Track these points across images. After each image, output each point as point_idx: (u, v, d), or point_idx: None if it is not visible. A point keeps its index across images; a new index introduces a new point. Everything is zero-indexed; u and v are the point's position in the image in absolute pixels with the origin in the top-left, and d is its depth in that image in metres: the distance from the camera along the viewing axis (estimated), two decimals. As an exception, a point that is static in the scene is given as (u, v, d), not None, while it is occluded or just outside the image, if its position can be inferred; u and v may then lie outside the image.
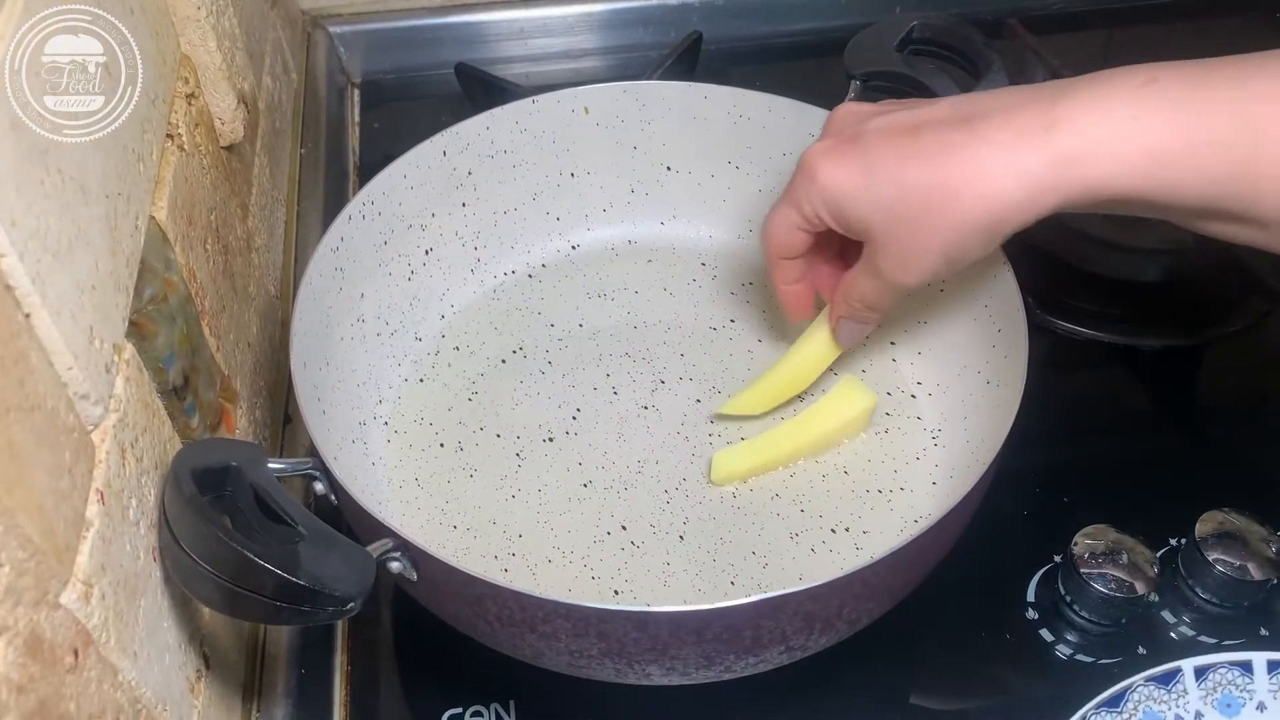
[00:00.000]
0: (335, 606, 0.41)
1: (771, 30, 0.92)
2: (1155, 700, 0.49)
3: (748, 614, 0.43)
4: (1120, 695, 0.49)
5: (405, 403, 0.61)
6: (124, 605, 0.39)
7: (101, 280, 0.39)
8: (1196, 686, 0.50)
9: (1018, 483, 0.61)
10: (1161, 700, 0.49)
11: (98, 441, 0.38)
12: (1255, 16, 0.96)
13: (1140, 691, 0.49)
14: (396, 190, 0.61)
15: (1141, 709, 0.49)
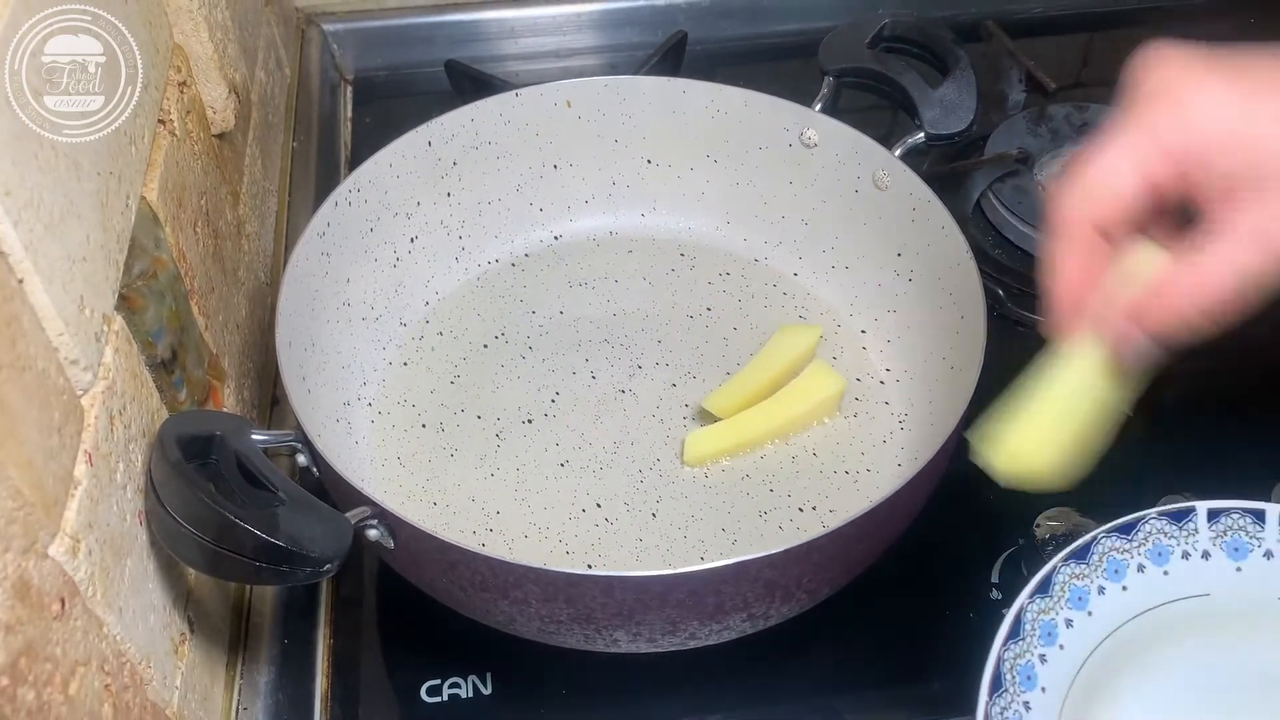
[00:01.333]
0: (312, 567, 0.42)
1: (755, 31, 0.94)
2: (1166, 535, 0.50)
3: (709, 579, 0.45)
4: (1132, 524, 0.50)
5: (389, 385, 0.63)
6: (110, 563, 0.40)
7: (92, 253, 0.41)
8: (1208, 527, 0.50)
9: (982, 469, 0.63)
10: (1172, 535, 0.50)
11: (87, 406, 0.40)
12: (1234, 21, 0.98)
13: (1153, 524, 0.50)
14: (382, 178, 0.63)
15: (1152, 540, 0.50)
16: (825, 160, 0.65)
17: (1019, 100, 0.81)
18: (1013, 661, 0.47)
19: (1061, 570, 0.49)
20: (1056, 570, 0.48)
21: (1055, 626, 0.48)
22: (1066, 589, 0.49)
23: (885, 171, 0.62)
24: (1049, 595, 0.48)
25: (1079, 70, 0.95)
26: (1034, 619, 0.48)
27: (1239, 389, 0.70)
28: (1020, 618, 0.47)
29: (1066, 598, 0.48)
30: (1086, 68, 0.97)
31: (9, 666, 0.32)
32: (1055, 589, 0.48)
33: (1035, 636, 0.48)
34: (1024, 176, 0.75)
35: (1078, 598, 0.49)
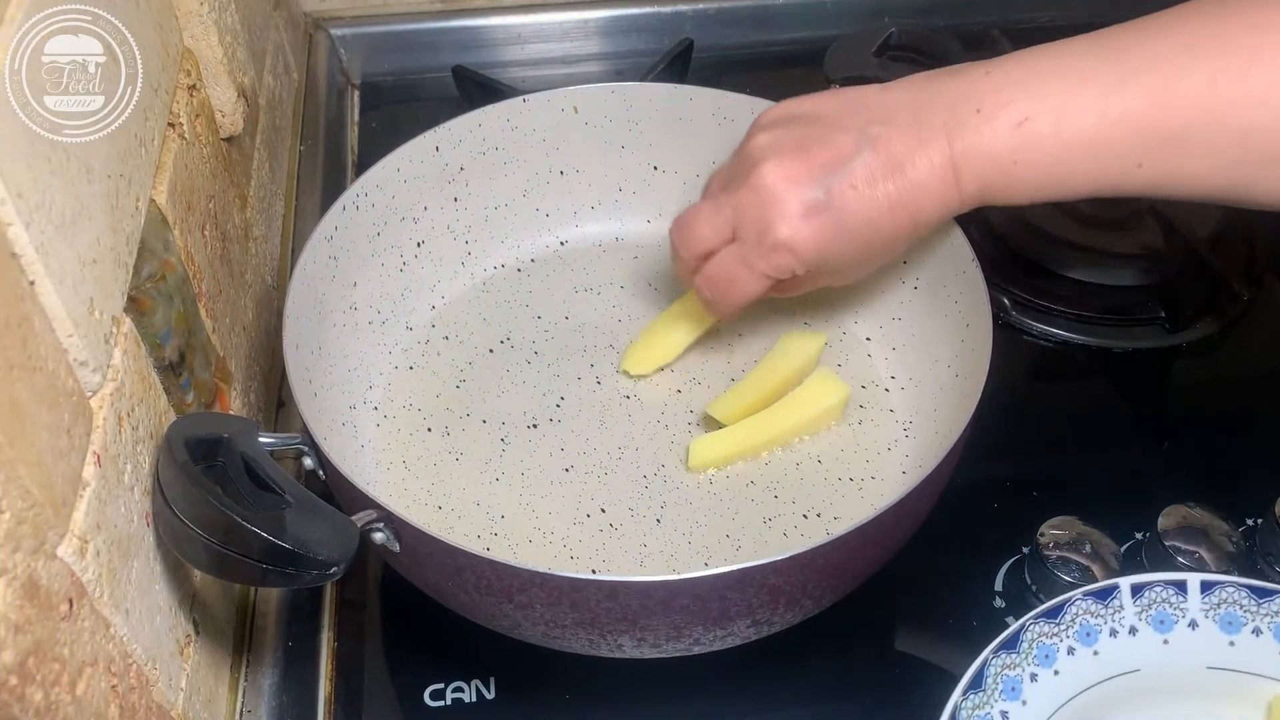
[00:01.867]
0: (319, 570, 0.43)
1: (761, 39, 0.94)
2: (1092, 614, 0.51)
3: (714, 584, 0.45)
4: (1059, 608, 0.51)
5: (395, 389, 0.63)
6: (117, 564, 0.41)
7: (102, 255, 0.42)
8: (1133, 602, 0.51)
9: (988, 476, 0.63)
10: (1098, 614, 0.51)
11: (95, 407, 0.40)
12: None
13: (1079, 605, 0.51)
14: (390, 183, 0.63)
15: (1079, 621, 0.51)
16: (831, 168, 0.65)
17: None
18: None
19: (993, 662, 0.49)
20: (988, 663, 0.49)
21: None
22: (1000, 680, 0.49)
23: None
24: (982, 690, 0.48)
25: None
26: (970, 714, 0.48)
27: (1244, 400, 0.70)
28: (955, 715, 0.47)
29: (1001, 689, 0.49)
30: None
31: (18, 666, 0.32)
32: (988, 681, 0.48)
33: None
34: (1029, 185, 0.75)
35: (1011, 688, 0.49)
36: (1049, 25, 0.97)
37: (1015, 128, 0.49)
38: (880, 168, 0.51)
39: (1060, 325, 0.72)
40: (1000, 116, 0.50)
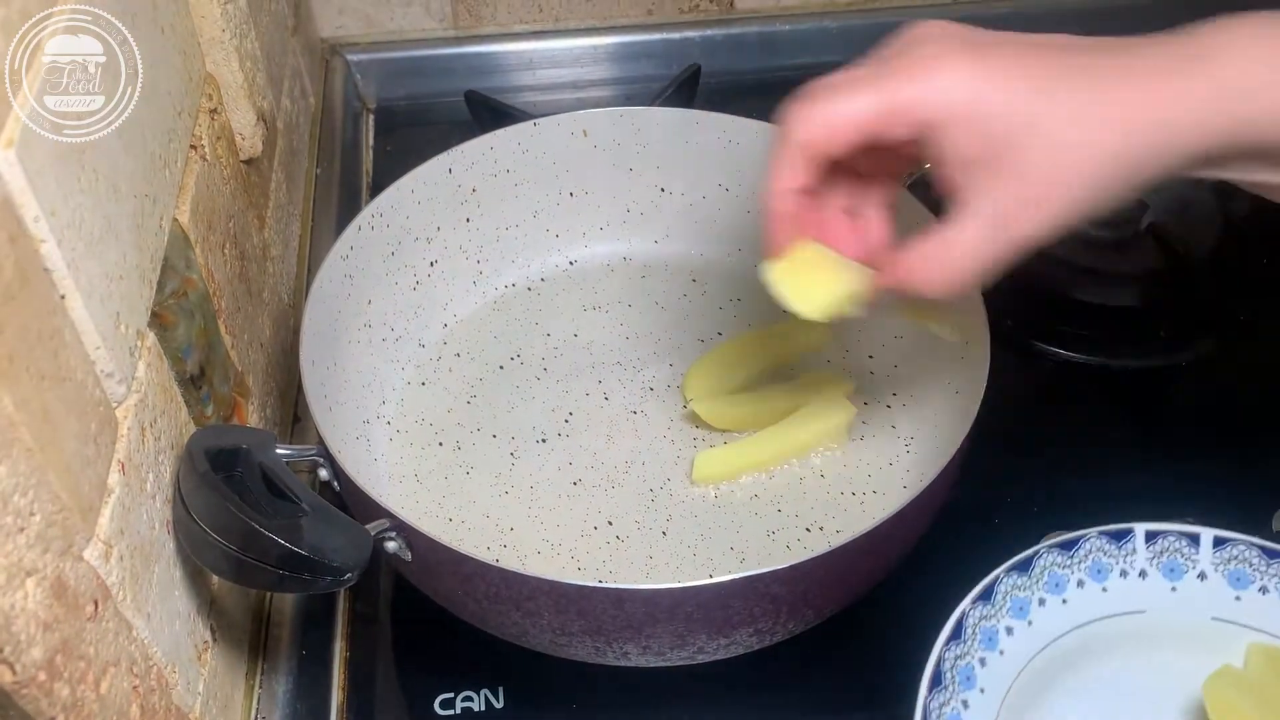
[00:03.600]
0: (333, 576, 0.44)
1: (768, 64, 0.96)
2: (1105, 552, 0.52)
3: (718, 593, 0.46)
4: (1074, 542, 0.52)
5: (407, 404, 0.65)
6: (139, 569, 0.42)
7: (128, 271, 0.43)
8: (1146, 547, 0.53)
9: (990, 493, 0.64)
10: (1111, 554, 0.52)
11: (120, 417, 0.42)
12: None
13: (1093, 542, 0.52)
14: (404, 204, 0.65)
15: (1092, 558, 0.52)
16: (834, 190, 0.66)
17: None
18: (953, 662, 0.49)
19: (1004, 580, 0.51)
20: (999, 580, 0.51)
21: (996, 633, 0.50)
22: (1008, 599, 0.51)
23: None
24: (991, 603, 0.50)
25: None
26: (975, 624, 0.50)
27: (1243, 418, 0.71)
28: (962, 622, 0.49)
29: (1008, 607, 0.51)
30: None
31: (46, 662, 0.34)
32: (998, 598, 0.51)
33: (976, 641, 0.50)
34: (1030, 207, 0.77)
35: (1019, 607, 0.51)
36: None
37: None
38: (1053, 43, 0.41)
39: (1060, 344, 0.73)
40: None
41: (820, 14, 0.96)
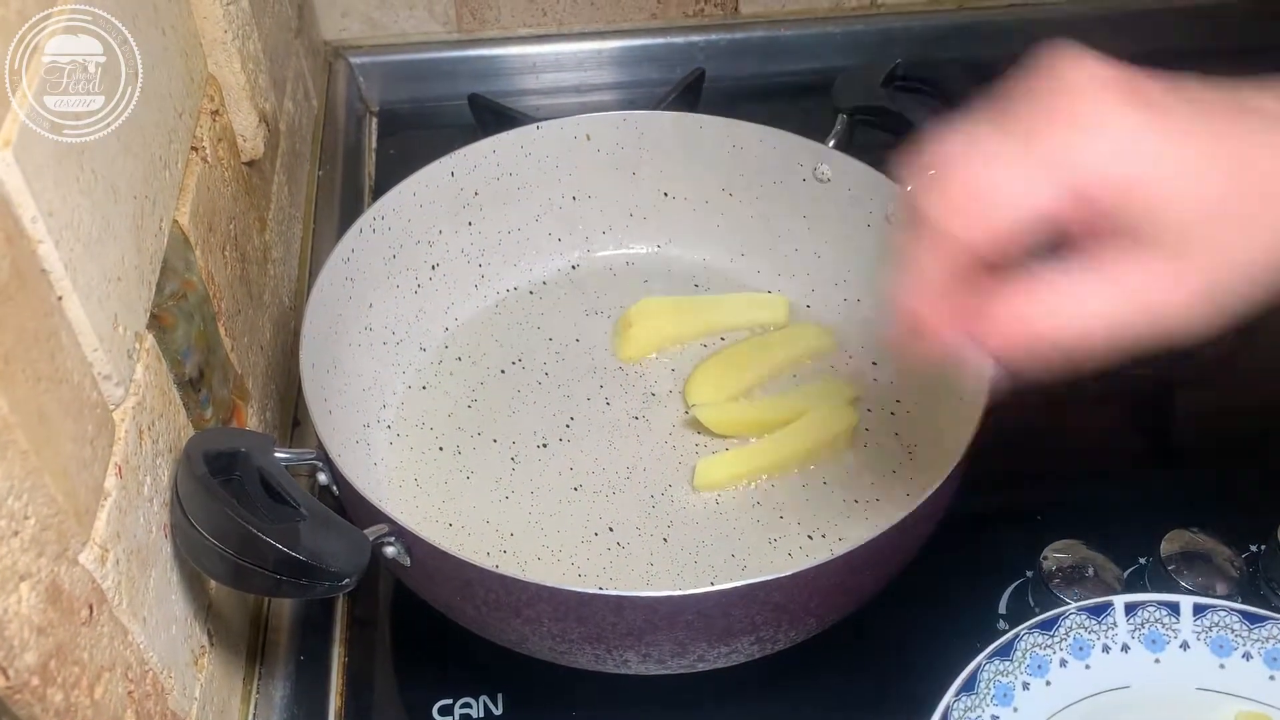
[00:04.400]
0: (331, 581, 0.43)
1: (772, 69, 0.95)
2: (1086, 629, 0.52)
3: (719, 601, 0.45)
4: (1054, 620, 0.51)
5: (408, 408, 0.64)
6: (136, 573, 0.42)
7: (127, 273, 0.43)
8: (1126, 620, 0.52)
9: (993, 500, 0.64)
10: (1092, 629, 0.52)
11: (118, 420, 0.42)
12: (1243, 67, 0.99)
13: (1073, 619, 0.52)
14: (406, 207, 0.64)
15: (1073, 635, 0.52)
16: (838, 195, 0.66)
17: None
18: None
19: (986, 668, 0.50)
20: (981, 668, 0.50)
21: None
22: (992, 686, 0.50)
23: (897, 208, 0.63)
24: (975, 693, 0.49)
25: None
26: (961, 715, 0.49)
27: (1249, 425, 0.71)
28: (947, 717, 0.48)
29: (992, 694, 0.50)
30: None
31: (40, 667, 0.33)
32: (980, 686, 0.50)
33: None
34: (1035, 214, 0.76)
35: (1003, 694, 0.50)
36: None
37: None
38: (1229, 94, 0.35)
39: (1065, 352, 0.72)
40: None
41: (825, 18, 0.96)
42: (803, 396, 0.63)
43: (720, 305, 0.69)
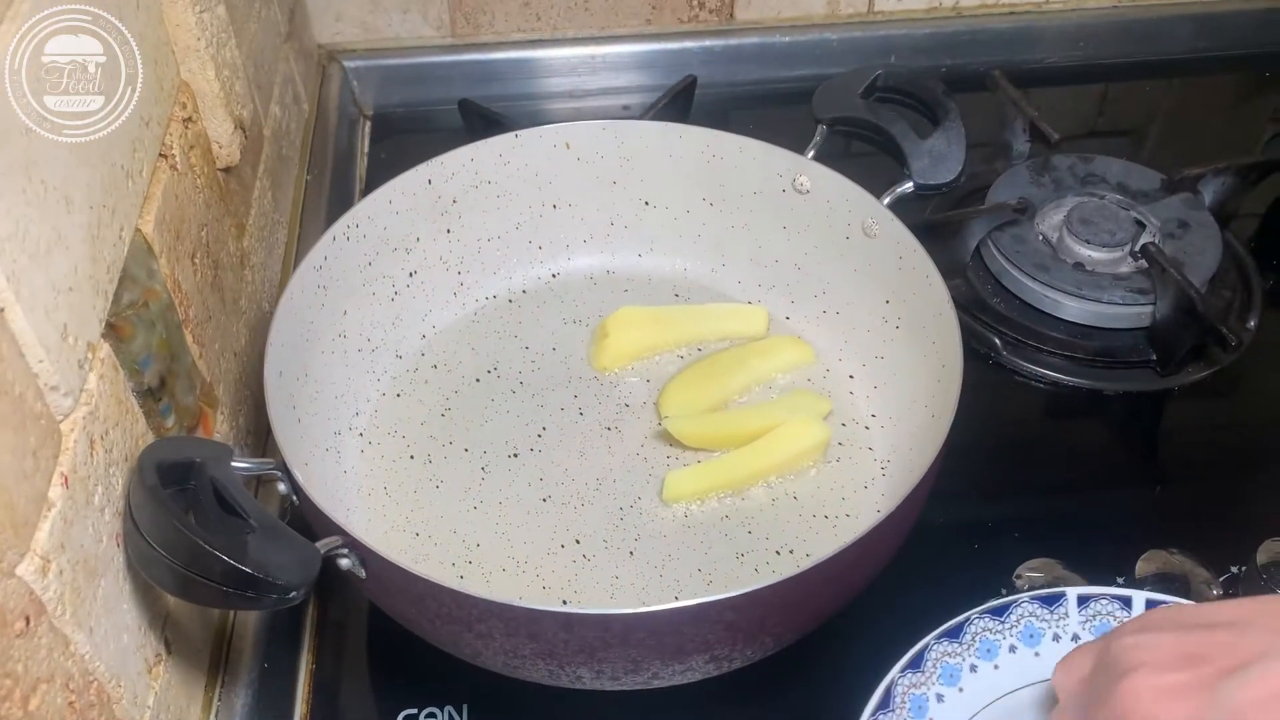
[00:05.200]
0: (278, 594, 0.43)
1: (767, 75, 0.95)
2: (1038, 618, 0.52)
3: (670, 619, 0.45)
4: (1005, 607, 0.52)
5: (380, 415, 0.64)
6: (82, 583, 0.42)
7: (79, 283, 0.43)
8: (1078, 612, 0.52)
9: (970, 516, 0.63)
10: (1044, 619, 0.52)
11: (66, 430, 0.42)
12: (1244, 75, 0.98)
13: (1025, 607, 0.52)
14: (381, 214, 0.64)
15: (1024, 622, 0.52)
16: (817, 207, 0.66)
17: (1023, 150, 0.82)
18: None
19: (934, 648, 0.50)
20: (929, 648, 0.50)
21: (926, 701, 0.50)
22: (939, 665, 0.50)
23: (874, 220, 0.63)
24: (921, 670, 0.50)
25: (1095, 123, 0.96)
26: (904, 692, 0.49)
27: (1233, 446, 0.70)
28: (891, 690, 0.49)
29: (939, 674, 0.50)
30: (1101, 120, 0.98)
31: (-35, 681, 0.33)
32: (927, 665, 0.50)
33: (906, 710, 0.49)
34: (1024, 226, 0.76)
35: (950, 674, 0.51)
36: (1052, 65, 0.97)
37: None
38: None
39: (1051, 366, 0.72)
40: None
41: (821, 25, 0.96)
42: (776, 410, 0.63)
43: (698, 316, 0.68)
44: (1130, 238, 0.75)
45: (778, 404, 0.64)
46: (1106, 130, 0.96)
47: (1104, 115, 0.98)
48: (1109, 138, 0.95)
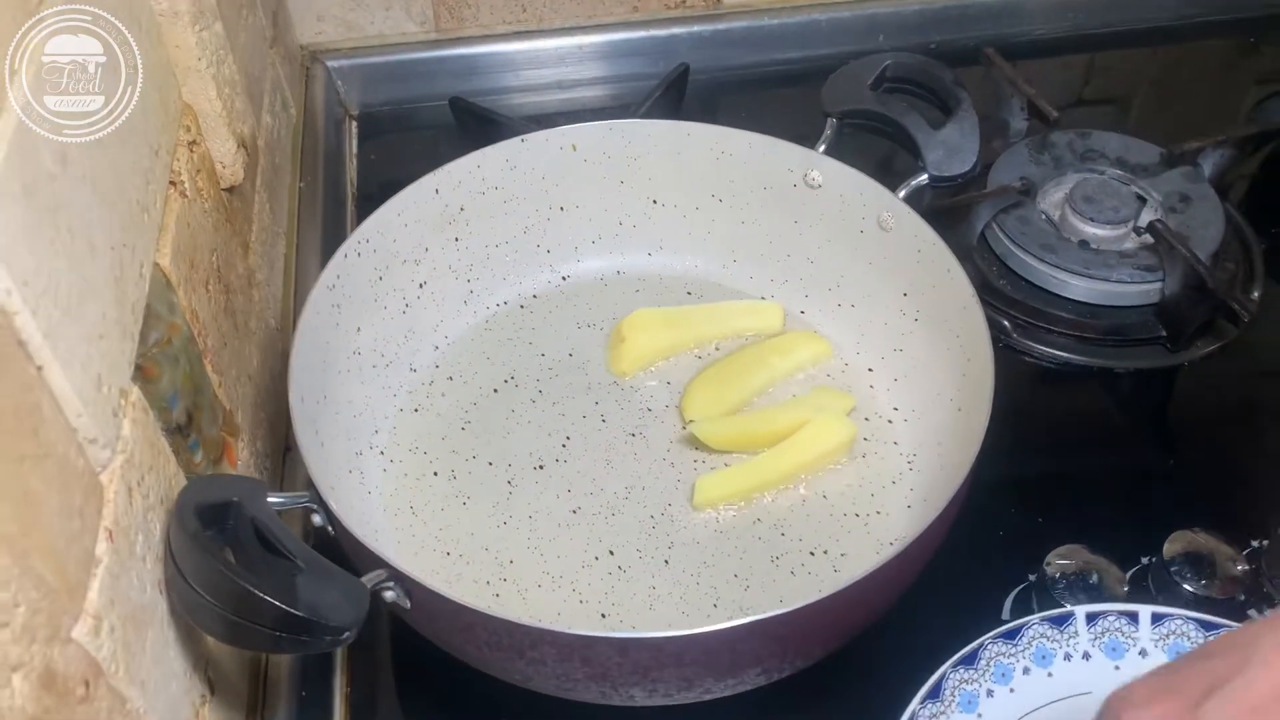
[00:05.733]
0: (332, 636, 0.43)
1: (757, 59, 0.94)
2: (1048, 638, 0.53)
3: (724, 638, 0.45)
4: (1016, 630, 0.53)
5: (400, 432, 0.63)
6: (131, 637, 0.41)
7: (109, 329, 0.42)
8: (1087, 629, 0.54)
9: (994, 502, 0.63)
10: (1054, 638, 0.53)
11: (106, 482, 0.41)
12: (1230, 39, 0.98)
13: (1035, 629, 0.53)
14: (391, 228, 0.63)
15: (1035, 644, 0.53)
16: (829, 201, 0.65)
17: (1021, 128, 0.82)
18: None
19: (950, 676, 0.51)
20: (946, 676, 0.51)
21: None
22: (956, 694, 0.51)
23: (890, 213, 0.62)
24: (940, 700, 0.51)
25: (1080, 93, 0.96)
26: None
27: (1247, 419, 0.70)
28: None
29: (957, 702, 0.51)
30: (1087, 86, 0.98)
31: (36, 758, 0.33)
32: (945, 694, 0.51)
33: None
34: (1027, 207, 0.76)
35: (968, 701, 0.51)
36: (1041, 38, 0.97)
37: None
38: (1272, 688, 0.38)
39: (1061, 346, 0.72)
40: None
41: (808, 6, 0.95)
42: (800, 408, 0.63)
43: (714, 315, 0.68)
44: (1133, 214, 0.75)
45: (802, 402, 0.63)
46: (1094, 99, 0.96)
47: (1090, 84, 0.98)
48: (1097, 106, 0.95)
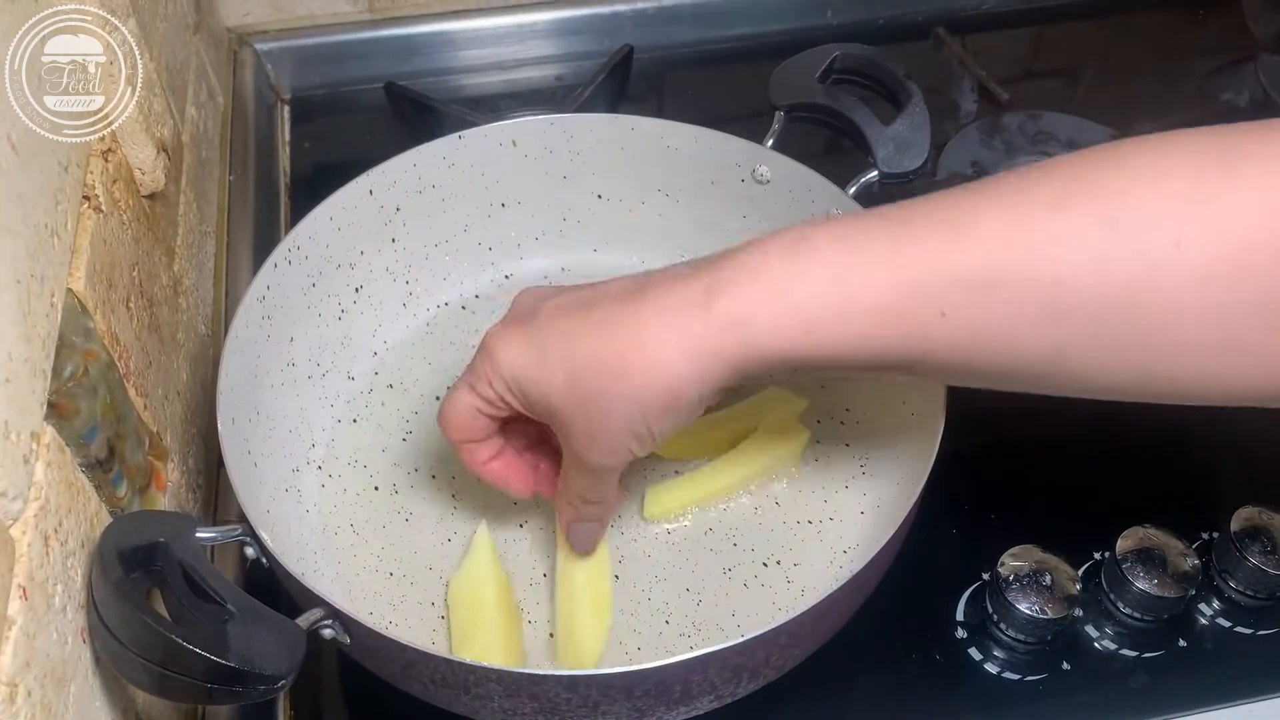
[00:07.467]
0: (266, 685, 0.41)
1: (703, 36, 0.92)
2: None
3: (676, 672, 0.44)
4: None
5: (338, 445, 0.61)
6: (52, 696, 0.39)
7: (15, 372, 0.39)
8: None
9: (947, 501, 0.62)
10: None
11: (18, 535, 0.38)
12: (1178, 12, 0.97)
13: None
14: (323, 233, 0.61)
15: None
16: (779, 197, 0.63)
17: (971, 110, 0.80)
18: None
19: None
20: None
21: None
22: None
23: (839, 210, 0.61)
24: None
25: (1031, 67, 0.95)
26: None
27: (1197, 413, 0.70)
28: None
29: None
30: (1037, 62, 0.96)
31: None
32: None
33: None
34: (979, 194, 0.74)
35: None
36: (991, 12, 0.96)
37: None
38: (594, 295, 0.46)
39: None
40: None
41: (755, -19, 0.92)
42: (750, 411, 0.61)
43: None
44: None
45: (751, 405, 0.62)
46: (1043, 71, 0.95)
47: (1039, 56, 0.97)
48: (1045, 79, 0.94)
